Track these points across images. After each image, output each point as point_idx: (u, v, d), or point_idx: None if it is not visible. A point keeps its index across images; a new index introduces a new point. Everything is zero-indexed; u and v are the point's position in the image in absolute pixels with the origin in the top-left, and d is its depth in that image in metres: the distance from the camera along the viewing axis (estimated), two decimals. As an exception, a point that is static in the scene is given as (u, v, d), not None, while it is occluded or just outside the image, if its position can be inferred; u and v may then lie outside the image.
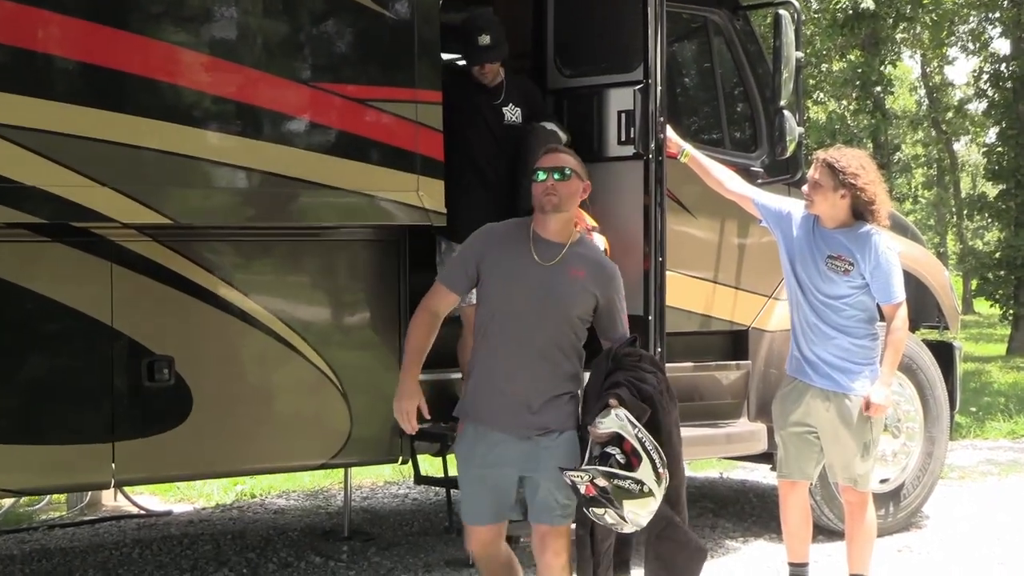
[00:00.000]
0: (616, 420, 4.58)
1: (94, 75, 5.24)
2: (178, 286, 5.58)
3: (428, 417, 4.95)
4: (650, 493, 4.55)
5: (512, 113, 6.64)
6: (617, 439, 4.58)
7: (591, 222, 6.40)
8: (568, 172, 4.80)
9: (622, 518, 4.55)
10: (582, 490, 4.52)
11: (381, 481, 9.78)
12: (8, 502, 8.22)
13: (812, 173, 5.90)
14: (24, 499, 8.24)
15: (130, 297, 5.50)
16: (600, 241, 6.29)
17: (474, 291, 4.99)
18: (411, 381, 4.88)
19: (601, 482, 4.48)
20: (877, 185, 5.85)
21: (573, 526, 4.93)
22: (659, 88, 6.39)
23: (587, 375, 4.91)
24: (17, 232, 5.19)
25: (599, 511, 4.56)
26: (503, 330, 4.76)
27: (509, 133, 6.61)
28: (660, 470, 4.57)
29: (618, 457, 4.54)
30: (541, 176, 4.80)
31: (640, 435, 4.56)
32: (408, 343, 4.93)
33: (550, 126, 6.64)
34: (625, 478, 4.49)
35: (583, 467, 4.58)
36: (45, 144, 5.10)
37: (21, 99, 5.07)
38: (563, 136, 6.57)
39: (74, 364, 5.45)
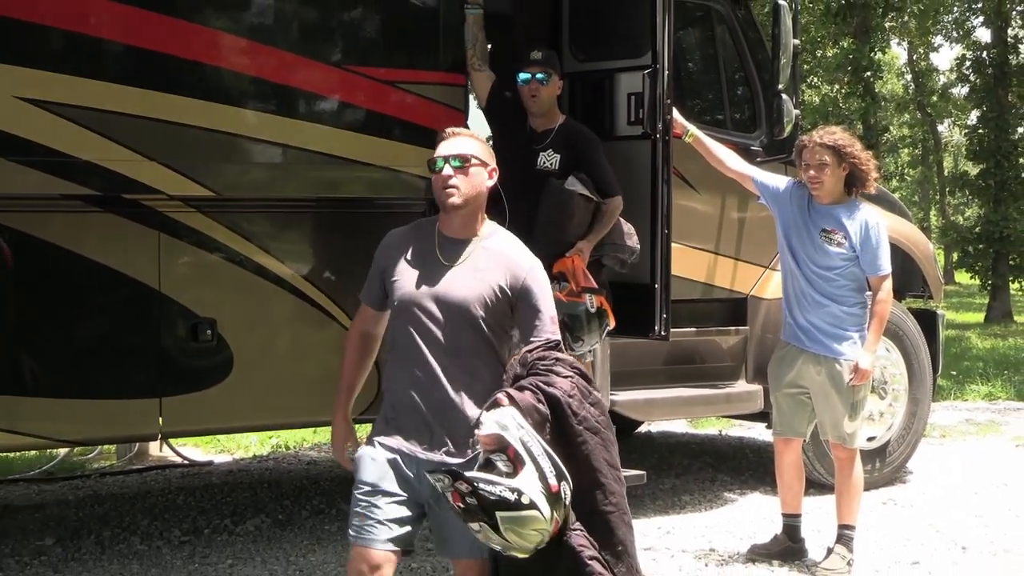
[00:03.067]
0: (496, 421, 3.60)
1: (144, 58, 5.27)
2: (220, 254, 5.61)
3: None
4: (532, 506, 3.49)
5: (549, 159, 6.16)
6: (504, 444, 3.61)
7: (588, 283, 5.86)
8: (470, 159, 3.87)
9: (500, 535, 3.52)
10: (449, 498, 3.56)
11: (405, 435, 9.79)
12: (63, 451, 8.28)
13: (811, 157, 5.86)
14: (77, 449, 8.30)
15: (176, 263, 5.54)
16: (590, 302, 5.83)
17: None
18: (340, 420, 4.15)
19: (463, 487, 3.49)
20: (868, 155, 5.90)
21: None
22: (666, 72, 6.37)
23: None
24: (72, 203, 5.22)
25: (474, 527, 3.57)
26: (410, 342, 3.87)
27: (541, 178, 6.13)
28: (551, 481, 3.54)
29: (502, 465, 3.56)
30: (439, 165, 3.87)
31: (526, 438, 3.58)
32: (340, 374, 4.14)
33: (569, 182, 6.06)
34: (493, 483, 3.49)
35: (443, 470, 3.62)
36: (99, 122, 5.14)
37: (78, 80, 5.11)
38: (581, 192, 6.04)
39: (125, 325, 5.50)
